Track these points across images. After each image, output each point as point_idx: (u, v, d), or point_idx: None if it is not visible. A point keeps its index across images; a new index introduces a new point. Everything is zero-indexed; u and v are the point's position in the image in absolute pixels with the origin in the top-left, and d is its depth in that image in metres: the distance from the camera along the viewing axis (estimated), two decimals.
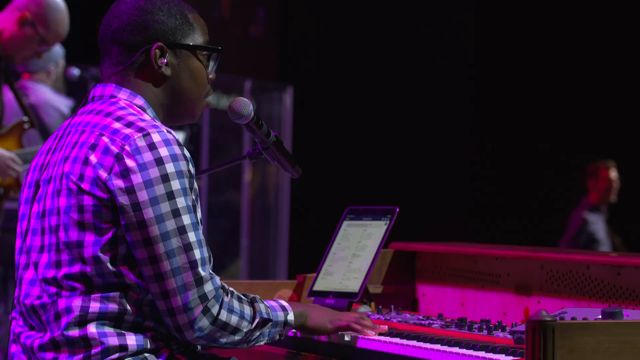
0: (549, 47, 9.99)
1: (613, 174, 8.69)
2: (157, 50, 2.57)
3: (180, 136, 7.06)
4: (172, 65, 2.60)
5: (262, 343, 2.61)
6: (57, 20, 4.83)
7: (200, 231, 2.48)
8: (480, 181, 10.07)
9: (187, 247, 2.44)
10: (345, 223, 3.32)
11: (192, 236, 2.45)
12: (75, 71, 5.82)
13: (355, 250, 3.23)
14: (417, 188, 9.44)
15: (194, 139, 7.77)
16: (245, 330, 2.54)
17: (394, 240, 3.57)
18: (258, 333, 2.58)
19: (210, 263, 2.50)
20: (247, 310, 2.55)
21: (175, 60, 2.60)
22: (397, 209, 3.23)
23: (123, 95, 2.57)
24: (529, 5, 9.97)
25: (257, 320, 2.56)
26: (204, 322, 2.46)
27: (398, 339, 2.73)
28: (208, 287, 2.46)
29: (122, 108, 2.53)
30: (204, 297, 2.46)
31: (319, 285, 3.23)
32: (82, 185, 2.44)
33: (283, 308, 2.65)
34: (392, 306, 3.23)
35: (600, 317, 2.47)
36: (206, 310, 2.46)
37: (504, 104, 10.04)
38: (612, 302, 2.91)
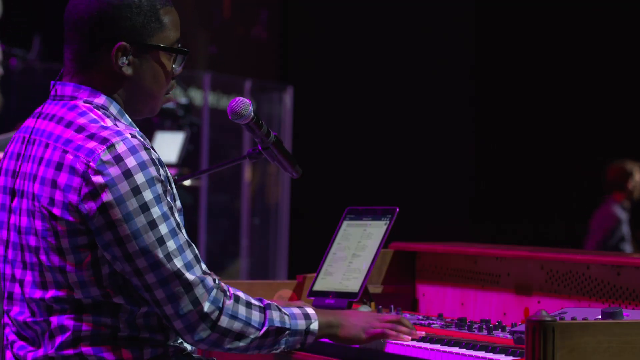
0: (549, 47, 9.99)
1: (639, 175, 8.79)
2: (119, 51, 2.47)
3: (179, 136, 7.06)
4: (134, 65, 2.50)
5: (278, 351, 2.54)
6: None
7: (181, 234, 2.42)
8: (480, 181, 10.07)
9: (169, 257, 2.38)
10: (345, 223, 3.32)
11: (171, 244, 2.38)
12: None
13: (355, 250, 3.23)
14: (417, 188, 9.44)
15: (194, 139, 7.77)
16: (251, 337, 2.47)
17: (394, 240, 3.56)
18: (271, 341, 2.50)
19: (198, 263, 2.43)
20: (256, 317, 2.48)
21: (137, 60, 2.50)
22: (397, 209, 3.23)
23: (83, 95, 2.48)
24: (529, 5, 9.97)
25: (265, 328, 2.49)
26: (202, 327, 2.41)
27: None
28: (199, 291, 2.40)
29: (82, 114, 2.44)
30: (196, 302, 2.40)
31: (319, 285, 3.23)
32: (53, 211, 2.38)
33: (307, 316, 2.56)
34: (392, 306, 3.23)
35: (600, 317, 2.47)
36: (204, 316, 2.41)
37: (505, 104, 10.04)
38: (612, 302, 2.91)
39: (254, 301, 2.50)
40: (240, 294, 2.49)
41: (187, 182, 7.32)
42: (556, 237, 9.82)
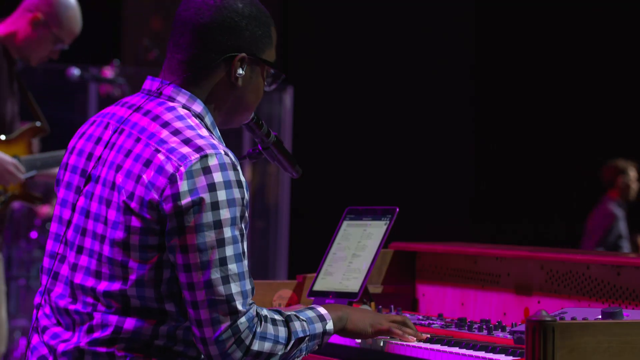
0: (549, 47, 9.99)
1: (634, 173, 8.80)
2: (239, 61, 2.49)
3: None
4: (246, 76, 2.52)
5: (300, 357, 2.55)
6: (70, 18, 4.81)
7: (244, 262, 2.40)
8: (480, 181, 10.07)
9: (226, 280, 2.36)
10: (345, 223, 3.32)
11: (233, 268, 2.37)
12: (76, 71, 5.81)
13: (355, 250, 3.23)
14: (417, 188, 9.44)
15: None
16: (280, 353, 2.47)
17: (394, 240, 3.57)
18: (295, 350, 2.51)
19: (251, 295, 2.42)
20: (282, 332, 2.48)
21: (249, 72, 2.53)
22: (397, 209, 3.23)
23: (182, 98, 2.47)
24: (529, 5, 9.97)
25: (292, 342, 2.49)
26: (237, 354, 2.40)
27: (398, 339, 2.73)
28: (241, 320, 2.39)
29: (180, 117, 2.44)
30: (236, 330, 2.38)
31: (319, 285, 3.23)
32: (131, 205, 2.37)
33: (322, 318, 2.57)
34: (392, 306, 3.23)
35: (600, 317, 2.47)
36: (239, 342, 2.39)
37: (505, 104, 10.04)
38: (612, 302, 2.91)
39: (276, 316, 2.50)
40: (265, 312, 2.49)
41: None
42: (556, 237, 9.83)
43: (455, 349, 2.55)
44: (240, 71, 2.50)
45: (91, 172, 2.47)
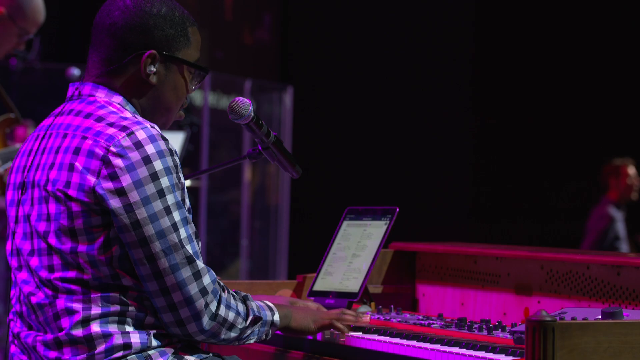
0: (549, 46, 9.99)
1: (632, 171, 8.74)
2: (149, 59, 2.56)
3: (179, 136, 7.06)
4: (159, 75, 2.59)
5: (251, 341, 2.63)
6: (34, 9, 4.77)
7: (191, 225, 2.50)
8: (480, 181, 10.08)
9: (182, 243, 2.45)
10: (345, 223, 3.32)
11: (183, 232, 2.46)
12: (75, 71, 5.80)
13: (355, 250, 3.23)
14: (417, 188, 9.44)
15: (194, 139, 7.76)
16: (239, 327, 2.57)
17: (394, 240, 3.57)
18: (249, 331, 2.60)
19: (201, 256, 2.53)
20: (241, 307, 2.58)
21: (163, 70, 2.59)
22: (397, 209, 3.23)
23: (101, 94, 2.56)
24: (529, 4, 9.97)
25: (250, 318, 2.59)
26: (205, 317, 2.48)
27: (398, 339, 2.73)
28: (206, 280, 2.48)
29: (101, 107, 2.52)
30: (203, 291, 2.48)
31: (319, 285, 3.23)
32: (68, 192, 2.44)
33: (270, 308, 2.68)
34: (392, 306, 3.23)
35: (600, 317, 2.47)
36: (206, 305, 2.48)
37: (505, 104, 10.04)
38: (612, 302, 2.91)
39: (234, 293, 2.60)
40: (224, 284, 2.59)
41: (187, 182, 7.31)
42: (556, 237, 9.83)
43: (455, 349, 2.55)
44: (151, 68, 2.57)
45: (25, 181, 2.55)
